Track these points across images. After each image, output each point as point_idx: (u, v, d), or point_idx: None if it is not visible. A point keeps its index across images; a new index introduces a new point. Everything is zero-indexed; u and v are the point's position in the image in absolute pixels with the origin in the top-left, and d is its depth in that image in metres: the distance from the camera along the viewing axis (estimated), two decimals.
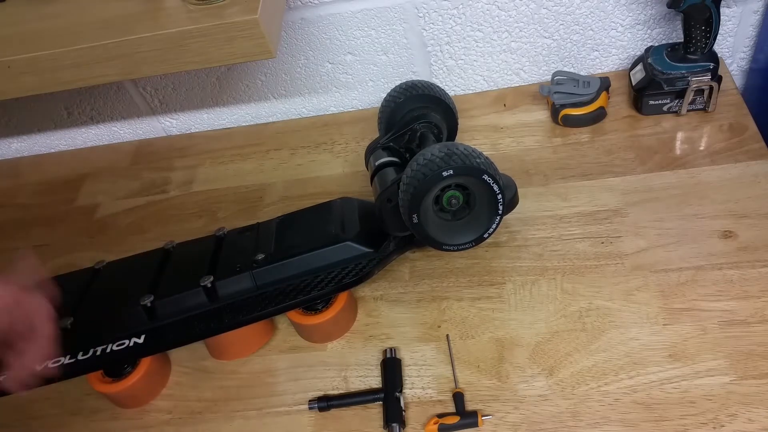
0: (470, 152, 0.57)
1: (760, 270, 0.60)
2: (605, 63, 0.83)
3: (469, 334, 0.62)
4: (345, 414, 0.59)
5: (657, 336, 0.58)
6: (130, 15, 0.59)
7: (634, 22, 0.79)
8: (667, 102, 0.75)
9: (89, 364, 0.61)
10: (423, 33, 0.81)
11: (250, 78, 0.88)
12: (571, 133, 0.78)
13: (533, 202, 0.71)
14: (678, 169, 0.70)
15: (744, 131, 0.72)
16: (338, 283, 0.62)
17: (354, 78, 0.87)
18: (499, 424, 0.55)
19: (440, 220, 0.61)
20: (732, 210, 0.65)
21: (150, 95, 0.90)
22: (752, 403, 0.52)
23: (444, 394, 0.58)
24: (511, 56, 0.83)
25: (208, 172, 0.87)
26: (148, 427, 0.62)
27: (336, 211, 0.67)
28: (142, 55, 0.58)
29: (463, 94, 0.87)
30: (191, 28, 0.56)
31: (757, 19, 0.78)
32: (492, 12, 0.78)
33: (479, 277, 0.66)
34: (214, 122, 0.94)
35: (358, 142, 0.85)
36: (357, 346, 0.64)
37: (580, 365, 0.57)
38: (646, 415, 0.53)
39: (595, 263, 0.64)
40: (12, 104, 0.93)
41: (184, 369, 0.66)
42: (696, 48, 0.71)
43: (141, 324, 0.61)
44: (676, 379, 0.55)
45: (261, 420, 0.60)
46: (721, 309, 0.58)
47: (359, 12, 0.79)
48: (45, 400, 0.66)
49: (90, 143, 0.98)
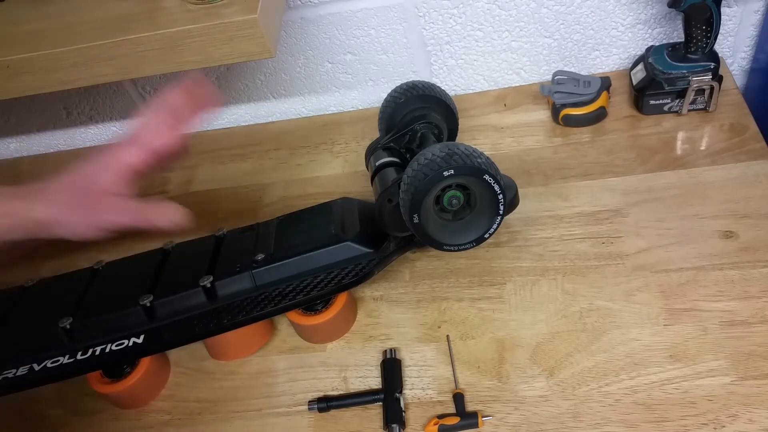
0: (471, 152, 0.57)
1: (761, 270, 0.60)
2: (606, 62, 0.83)
3: (469, 335, 0.62)
4: (345, 415, 0.59)
5: (658, 336, 0.58)
6: (129, 15, 0.59)
7: (635, 21, 0.79)
8: (668, 102, 0.74)
9: (88, 364, 0.60)
10: (423, 32, 0.81)
11: (250, 77, 0.88)
12: (572, 133, 0.77)
13: (534, 202, 0.71)
14: (679, 169, 0.70)
15: (745, 131, 0.72)
16: (338, 283, 0.62)
17: (354, 78, 0.87)
18: (499, 425, 0.55)
19: (441, 220, 0.60)
20: (733, 210, 0.65)
21: (149, 95, 0.90)
22: (753, 404, 0.52)
23: (444, 395, 0.58)
24: (512, 56, 0.83)
25: (207, 172, 0.87)
26: (148, 428, 0.62)
27: (336, 211, 0.67)
28: (142, 54, 0.58)
29: (464, 93, 0.87)
30: (190, 27, 0.56)
31: (757, 19, 0.78)
32: (492, 11, 0.78)
33: (480, 277, 0.66)
34: (213, 122, 0.94)
35: (358, 142, 0.85)
36: (357, 347, 0.64)
37: (580, 366, 0.57)
38: (646, 416, 0.53)
39: (596, 263, 0.64)
40: (11, 104, 0.93)
41: (184, 369, 0.66)
42: (697, 48, 0.71)
43: (140, 324, 0.61)
44: (677, 380, 0.55)
45: (260, 421, 0.60)
46: (722, 309, 0.58)
47: (359, 11, 0.79)
48: (45, 400, 0.66)
49: (89, 143, 0.98)
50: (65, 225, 0.53)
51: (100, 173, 0.55)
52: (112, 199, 0.54)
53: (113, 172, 0.55)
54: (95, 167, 0.56)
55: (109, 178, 0.55)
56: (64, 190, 0.54)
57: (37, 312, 0.65)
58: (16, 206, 0.53)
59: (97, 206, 0.54)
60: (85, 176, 0.55)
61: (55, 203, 0.54)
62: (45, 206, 0.53)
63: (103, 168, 0.55)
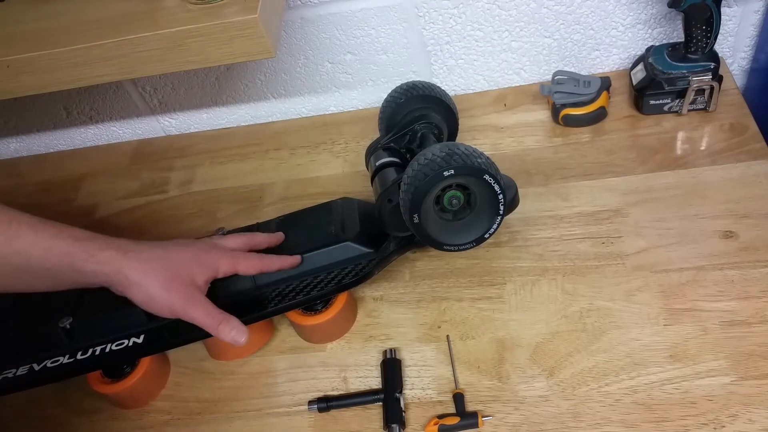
0: (471, 152, 0.57)
1: (761, 270, 0.60)
2: (606, 62, 0.83)
3: (469, 335, 0.62)
4: (345, 415, 0.59)
5: (658, 336, 0.58)
6: (129, 14, 0.59)
7: (635, 21, 0.79)
8: (668, 102, 0.74)
9: (88, 364, 0.60)
10: (423, 32, 0.81)
11: (250, 77, 0.88)
12: (572, 133, 0.77)
13: (534, 202, 0.71)
14: (679, 169, 0.70)
15: (745, 131, 0.72)
16: (338, 283, 0.62)
17: (354, 78, 0.87)
18: (499, 425, 0.55)
19: (441, 220, 0.60)
20: (733, 210, 0.65)
21: (149, 95, 0.90)
22: (753, 404, 0.52)
23: (444, 395, 0.58)
24: (512, 56, 0.83)
25: (207, 172, 0.87)
26: (148, 428, 0.62)
27: (336, 211, 0.67)
28: (141, 54, 0.58)
29: (464, 93, 0.87)
30: (190, 27, 0.56)
31: (757, 19, 0.78)
32: (492, 11, 0.78)
33: (479, 277, 0.66)
34: (213, 122, 0.94)
35: (358, 142, 0.85)
36: (357, 347, 0.64)
37: (580, 366, 0.57)
38: (646, 416, 0.53)
39: (596, 263, 0.64)
40: (11, 104, 0.93)
41: (184, 369, 0.66)
42: (697, 48, 0.71)
43: (140, 324, 0.61)
44: (677, 380, 0.55)
45: (260, 421, 0.60)
46: (722, 309, 0.58)
47: (359, 11, 0.79)
48: (45, 400, 0.66)
49: (89, 143, 0.98)
50: (150, 294, 0.54)
51: (197, 267, 0.57)
52: (199, 296, 0.56)
53: (208, 273, 0.57)
54: (194, 259, 0.57)
55: (203, 276, 0.57)
56: (160, 261, 0.55)
57: (37, 312, 0.65)
58: (111, 256, 0.53)
59: (187, 296, 0.55)
60: (183, 263, 0.56)
61: (152, 270, 0.54)
62: (142, 268, 0.54)
63: (202, 265, 0.57)
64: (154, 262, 0.55)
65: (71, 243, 0.53)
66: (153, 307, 0.55)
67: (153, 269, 0.54)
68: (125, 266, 0.53)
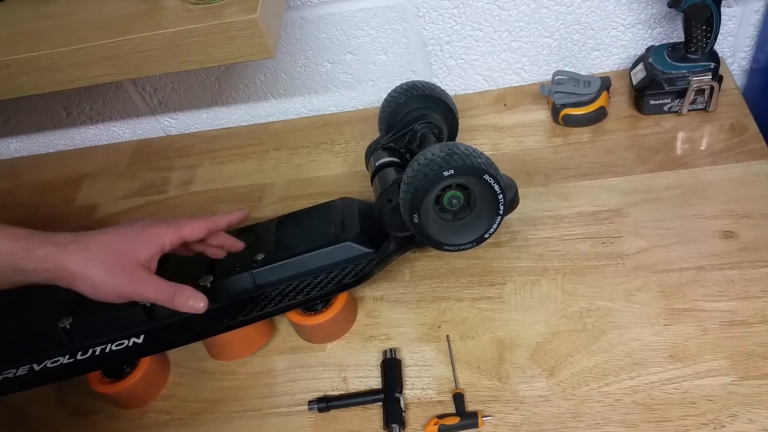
0: (471, 152, 0.57)
1: (761, 270, 0.60)
2: (606, 62, 0.83)
3: (469, 335, 0.62)
4: (345, 415, 0.59)
5: (658, 336, 0.58)
6: (129, 14, 0.59)
7: (635, 21, 0.79)
8: (668, 102, 0.74)
9: (88, 364, 0.60)
10: (423, 32, 0.81)
11: (250, 78, 0.88)
12: (572, 133, 0.77)
13: (534, 202, 0.71)
14: (679, 169, 0.70)
15: (745, 131, 0.72)
16: (338, 283, 0.62)
17: (354, 78, 0.87)
18: (499, 425, 0.55)
19: (441, 220, 0.60)
20: (733, 210, 0.65)
21: (149, 95, 0.90)
22: (753, 404, 0.52)
23: (444, 395, 0.58)
24: (512, 56, 0.83)
25: (207, 172, 0.87)
26: (148, 428, 0.62)
27: (336, 211, 0.67)
28: (141, 54, 0.58)
29: (464, 93, 0.87)
30: (190, 27, 0.56)
31: (757, 19, 0.78)
32: (492, 11, 0.78)
33: (479, 277, 0.66)
34: (213, 122, 0.94)
35: (358, 142, 0.85)
36: (357, 347, 0.64)
37: (580, 366, 0.57)
38: (646, 416, 0.53)
39: (596, 263, 0.64)
40: (11, 104, 0.93)
41: (184, 370, 0.66)
42: (697, 48, 0.71)
43: (140, 324, 0.61)
44: (677, 380, 0.55)
45: (260, 421, 0.60)
46: (722, 309, 0.58)
47: (359, 11, 0.79)
48: (45, 400, 0.66)
49: (89, 143, 0.98)
50: (94, 283, 0.53)
51: (139, 245, 0.56)
52: (145, 274, 0.55)
53: (152, 248, 0.56)
54: (134, 238, 0.56)
55: (147, 253, 0.56)
56: (99, 248, 0.54)
57: (37, 312, 0.65)
58: (50, 252, 0.52)
59: (133, 276, 0.54)
60: (123, 243, 0.55)
61: (92, 259, 0.53)
62: (82, 259, 0.53)
63: (143, 242, 0.56)
64: (94, 251, 0.54)
65: (10, 242, 0.52)
66: (101, 294, 0.54)
67: (93, 257, 0.53)
68: (65, 260, 0.52)
